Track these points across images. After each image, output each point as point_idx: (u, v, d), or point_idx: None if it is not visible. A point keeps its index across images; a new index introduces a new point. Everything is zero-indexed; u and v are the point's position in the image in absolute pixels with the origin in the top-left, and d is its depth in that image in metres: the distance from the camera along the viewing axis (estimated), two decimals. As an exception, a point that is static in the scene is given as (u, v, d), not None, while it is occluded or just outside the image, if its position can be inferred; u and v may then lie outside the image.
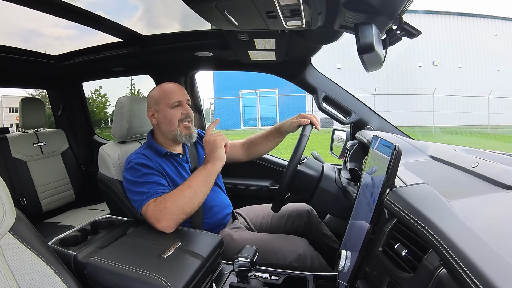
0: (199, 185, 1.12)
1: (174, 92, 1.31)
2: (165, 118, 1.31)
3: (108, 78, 2.46)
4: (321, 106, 1.70)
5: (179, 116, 1.31)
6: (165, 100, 1.30)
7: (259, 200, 1.73)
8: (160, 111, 1.31)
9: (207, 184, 1.14)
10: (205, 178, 1.14)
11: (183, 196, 1.09)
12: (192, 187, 1.11)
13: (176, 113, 1.30)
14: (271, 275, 1.04)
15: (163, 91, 1.32)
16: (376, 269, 0.69)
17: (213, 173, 1.15)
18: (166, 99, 1.30)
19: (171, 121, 1.30)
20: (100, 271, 0.88)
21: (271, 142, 1.54)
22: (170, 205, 1.07)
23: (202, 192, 1.13)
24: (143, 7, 1.64)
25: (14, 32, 1.84)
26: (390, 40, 0.92)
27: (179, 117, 1.30)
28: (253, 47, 1.44)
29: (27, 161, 2.15)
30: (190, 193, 1.10)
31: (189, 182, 1.13)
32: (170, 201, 1.08)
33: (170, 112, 1.30)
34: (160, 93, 1.32)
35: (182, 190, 1.10)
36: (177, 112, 1.30)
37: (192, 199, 1.09)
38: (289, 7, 0.85)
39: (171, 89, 1.32)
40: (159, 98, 1.31)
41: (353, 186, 1.28)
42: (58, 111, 2.57)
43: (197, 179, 1.13)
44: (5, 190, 0.73)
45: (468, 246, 0.44)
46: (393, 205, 0.65)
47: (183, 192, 1.10)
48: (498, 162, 0.80)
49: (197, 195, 1.11)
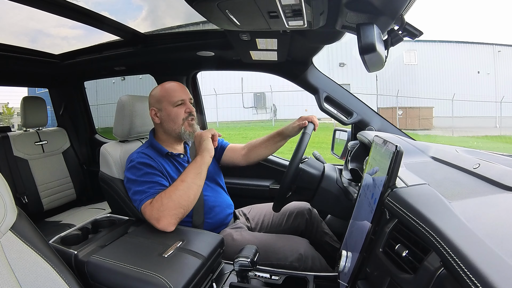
0: (191, 177, 1.14)
1: (177, 91, 1.32)
2: (168, 116, 1.31)
3: (110, 77, 2.46)
4: (323, 106, 1.70)
5: (183, 114, 1.31)
6: (168, 98, 1.31)
7: (260, 200, 1.73)
8: (163, 110, 1.31)
9: (199, 176, 1.16)
10: (196, 170, 1.16)
11: (177, 190, 1.11)
12: (184, 181, 1.13)
13: (180, 111, 1.31)
14: (272, 275, 1.04)
15: (166, 90, 1.32)
16: (377, 270, 0.69)
17: (203, 164, 1.18)
18: (169, 97, 1.30)
19: (175, 119, 1.31)
20: (101, 269, 0.88)
21: (272, 146, 1.53)
22: (166, 201, 1.08)
23: (195, 184, 1.14)
24: (147, 7, 1.65)
25: (19, 32, 1.85)
26: (391, 40, 0.92)
27: (183, 115, 1.31)
28: (254, 47, 1.44)
29: (28, 159, 2.15)
30: (183, 187, 1.12)
31: (181, 177, 1.15)
32: (166, 197, 1.09)
33: (173, 110, 1.30)
34: (163, 91, 1.32)
35: (176, 185, 1.13)
36: (180, 110, 1.31)
37: (186, 191, 1.11)
38: (291, 7, 0.85)
39: (174, 88, 1.33)
40: (162, 97, 1.32)
41: (354, 186, 1.28)
42: (60, 110, 2.58)
43: (188, 173, 1.16)
44: (6, 189, 0.73)
45: (469, 247, 0.44)
46: (394, 206, 0.65)
47: (177, 187, 1.12)
48: (500, 163, 0.80)
49: (191, 187, 1.13)
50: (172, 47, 1.76)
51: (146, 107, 1.42)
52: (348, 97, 1.70)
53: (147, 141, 1.39)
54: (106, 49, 1.90)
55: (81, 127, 2.64)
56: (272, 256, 1.19)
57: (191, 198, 1.13)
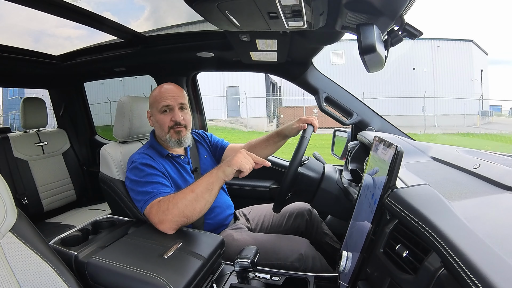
0: (202, 190, 1.07)
1: (164, 97, 1.28)
2: (156, 122, 1.31)
3: (110, 78, 2.47)
4: (323, 107, 1.70)
5: (168, 122, 1.29)
6: (156, 104, 1.29)
7: (260, 201, 1.73)
8: (153, 115, 1.32)
9: (209, 192, 1.08)
10: (208, 186, 1.08)
11: (184, 199, 1.06)
12: (194, 192, 1.07)
13: (165, 119, 1.29)
14: (272, 276, 1.04)
15: (156, 95, 1.30)
16: (377, 270, 0.69)
17: (217, 181, 1.08)
18: (157, 103, 1.29)
19: (162, 126, 1.29)
20: (101, 271, 0.88)
21: (272, 146, 1.52)
22: (172, 206, 1.06)
23: (204, 199, 1.07)
24: (149, 8, 1.65)
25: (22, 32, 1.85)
26: (391, 41, 0.92)
27: (168, 123, 1.29)
28: (254, 48, 1.44)
29: (28, 160, 2.15)
30: (191, 197, 1.06)
31: (193, 186, 1.09)
32: (172, 203, 1.06)
33: (160, 118, 1.29)
34: (154, 96, 1.31)
35: (185, 194, 1.07)
36: (166, 118, 1.29)
37: (193, 203, 1.05)
38: (291, 7, 0.85)
39: (164, 93, 1.29)
40: (152, 102, 1.32)
41: (354, 187, 1.28)
42: (60, 111, 2.58)
43: (200, 185, 1.08)
44: (6, 190, 0.73)
45: (469, 248, 0.44)
46: (394, 206, 0.65)
47: (185, 195, 1.07)
48: (500, 163, 0.80)
49: (199, 201, 1.06)
50: (172, 48, 1.76)
51: (145, 108, 1.42)
52: (348, 97, 1.70)
53: (147, 142, 1.38)
54: (106, 50, 1.91)
55: (81, 128, 2.64)
56: (272, 256, 1.19)
57: (196, 210, 1.06)
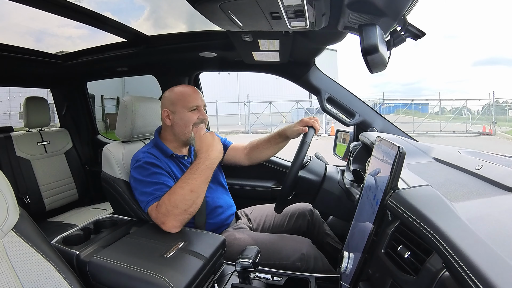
0: (199, 185, 1.11)
1: (193, 96, 1.32)
2: (181, 120, 1.31)
3: (112, 78, 2.47)
4: (325, 107, 1.70)
5: (195, 120, 1.31)
6: (183, 102, 1.30)
7: (262, 201, 1.73)
8: (177, 113, 1.31)
9: (206, 183, 1.13)
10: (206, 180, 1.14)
11: (185, 199, 1.08)
12: (194, 191, 1.10)
13: (193, 117, 1.31)
14: (273, 276, 1.04)
15: (182, 94, 1.32)
16: (379, 271, 0.69)
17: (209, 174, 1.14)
18: (185, 101, 1.30)
19: (187, 124, 1.30)
20: (103, 270, 0.89)
21: (274, 147, 1.51)
22: (173, 207, 1.07)
23: (202, 191, 1.12)
24: (150, 8, 1.65)
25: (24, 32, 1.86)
26: (394, 41, 0.92)
27: (194, 121, 1.31)
28: (257, 48, 1.43)
29: (31, 160, 2.16)
30: (192, 196, 1.09)
31: (190, 186, 1.10)
32: (173, 203, 1.07)
33: (187, 115, 1.30)
34: (178, 95, 1.32)
35: (185, 193, 1.09)
36: (194, 116, 1.31)
37: (194, 200, 1.09)
38: (293, 8, 0.85)
39: (190, 92, 1.33)
40: (177, 100, 1.31)
41: (356, 187, 1.28)
42: (62, 111, 2.59)
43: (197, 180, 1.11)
44: (8, 189, 0.74)
45: (471, 249, 0.44)
46: (396, 207, 0.65)
47: (185, 195, 1.08)
48: (502, 164, 0.80)
49: (199, 195, 1.11)
50: (174, 48, 1.76)
51: (148, 108, 1.42)
52: (350, 98, 1.69)
53: (151, 140, 1.38)
54: (108, 50, 1.91)
55: (83, 127, 2.65)
56: (274, 256, 1.19)
57: (197, 204, 1.11)
